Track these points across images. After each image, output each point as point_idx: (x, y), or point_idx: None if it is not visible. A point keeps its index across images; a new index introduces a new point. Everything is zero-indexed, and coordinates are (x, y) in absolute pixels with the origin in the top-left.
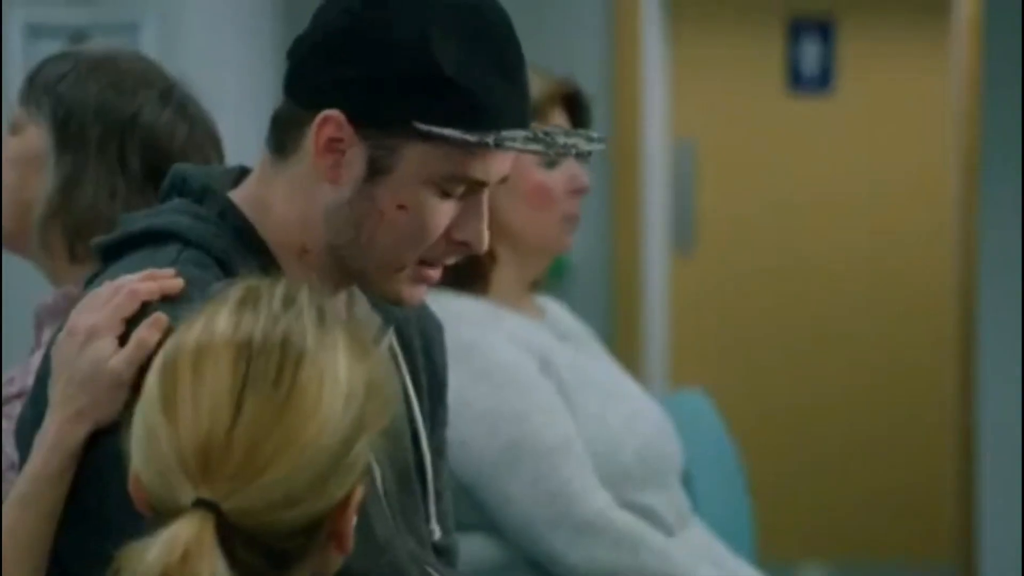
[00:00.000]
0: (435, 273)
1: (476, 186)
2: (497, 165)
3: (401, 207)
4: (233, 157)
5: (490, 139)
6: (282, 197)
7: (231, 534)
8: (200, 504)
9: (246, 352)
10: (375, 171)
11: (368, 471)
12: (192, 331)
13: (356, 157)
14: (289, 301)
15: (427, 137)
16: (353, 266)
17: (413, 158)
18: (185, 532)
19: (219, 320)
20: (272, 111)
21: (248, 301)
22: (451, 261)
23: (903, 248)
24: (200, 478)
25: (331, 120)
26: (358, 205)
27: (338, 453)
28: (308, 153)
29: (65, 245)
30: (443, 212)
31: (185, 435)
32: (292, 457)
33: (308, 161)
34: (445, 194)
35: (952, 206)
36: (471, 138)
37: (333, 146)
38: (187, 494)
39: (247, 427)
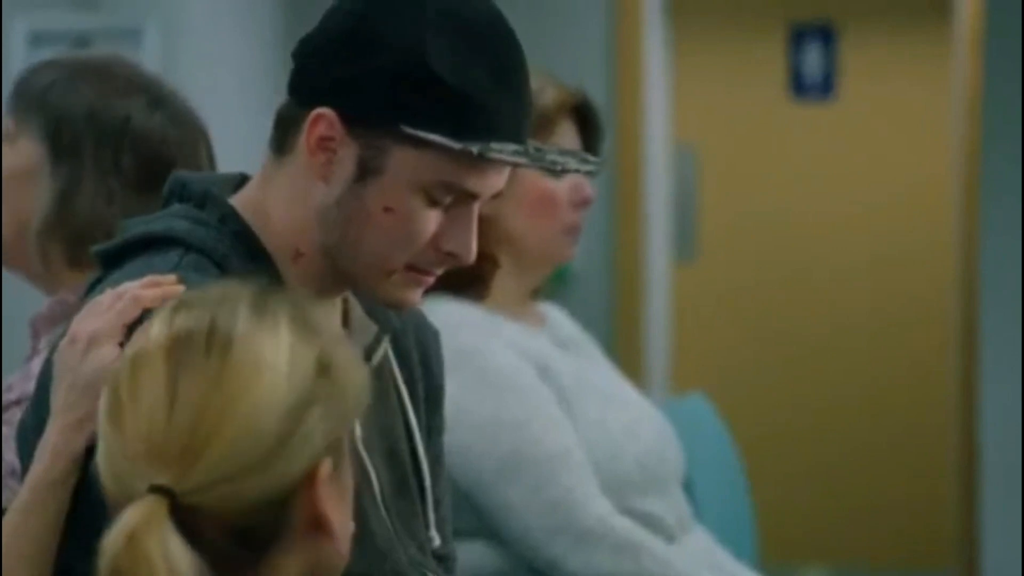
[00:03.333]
0: (429, 278)
1: (467, 197)
2: (491, 178)
3: (388, 210)
4: (234, 161)
5: (475, 148)
6: (280, 198)
7: (192, 516)
8: (153, 490)
9: (176, 345)
10: (365, 172)
11: (359, 474)
12: (131, 344)
13: (346, 156)
14: (225, 297)
15: (415, 142)
16: (344, 268)
17: (403, 162)
18: (133, 515)
19: (152, 327)
20: (274, 114)
21: (182, 305)
22: (441, 270)
23: (905, 254)
24: (149, 466)
25: (323, 118)
26: (347, 205)
27: (286, 423)
28: (303, 151)
29: (64, 253)
30: (429, 219)
31: (131, 435)
32: (233, 429)
33: (303, 160)
34: (433, 202)
35: (954, 212)
36: (455, 145)
37: (324, 144)
38: (141, 484)
39: (184, 408)
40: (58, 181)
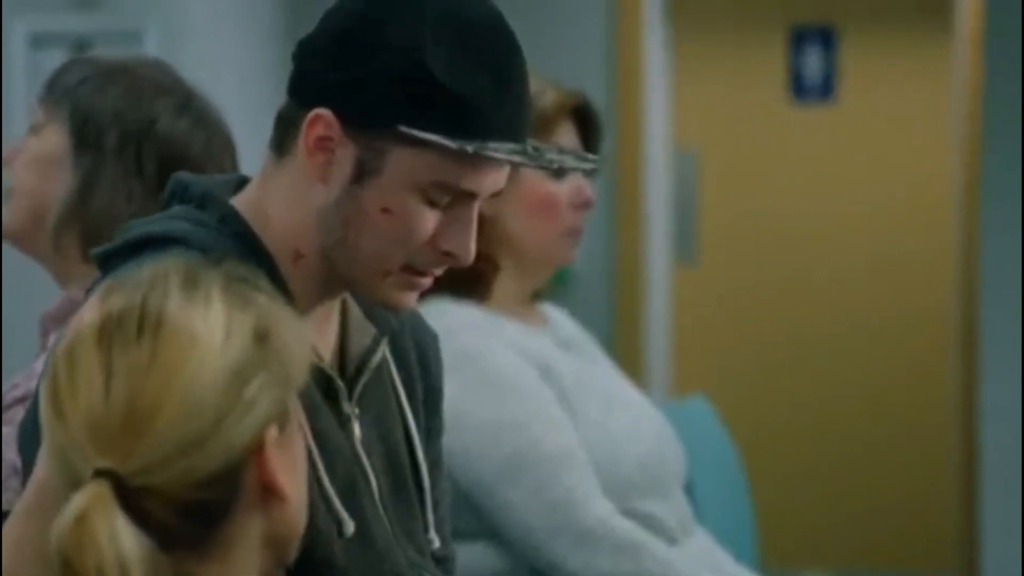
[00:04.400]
0: (425, 280)
1: (465, 197)
2: (489, 177)
3: (386, 211)
4: (248, 164)
5: (470, 147)
6: (280, 199)
7: (139, 497)
8: (98, 475)
9: (108, 326)
10: (362, 173)
11: (358, 476)
12: (66, 335)
13: (344, 158)
14: (155, 276)
15: (413, 142)
16: (341, 269)
17: (400, 162)
18: (81, 499)
19: (87, 313)
20: (274, 114)
21: (112, 289)
22: (439, 271)
23: (905, 256)
24: (93, 451)
25: (321, 119)
26: (345, 206)
27: (226, 394)
28: (302, 152)
29: (79, 246)
30: (428, 219)
31: (72, 421)
32: (172, 405)
33: (302, 161)
34: (432, 201)
35: (954, 214)
36: (451, 144)
37: (322, 145)
38: (86, 470)
39: (120, 389)
40: (79, 174)
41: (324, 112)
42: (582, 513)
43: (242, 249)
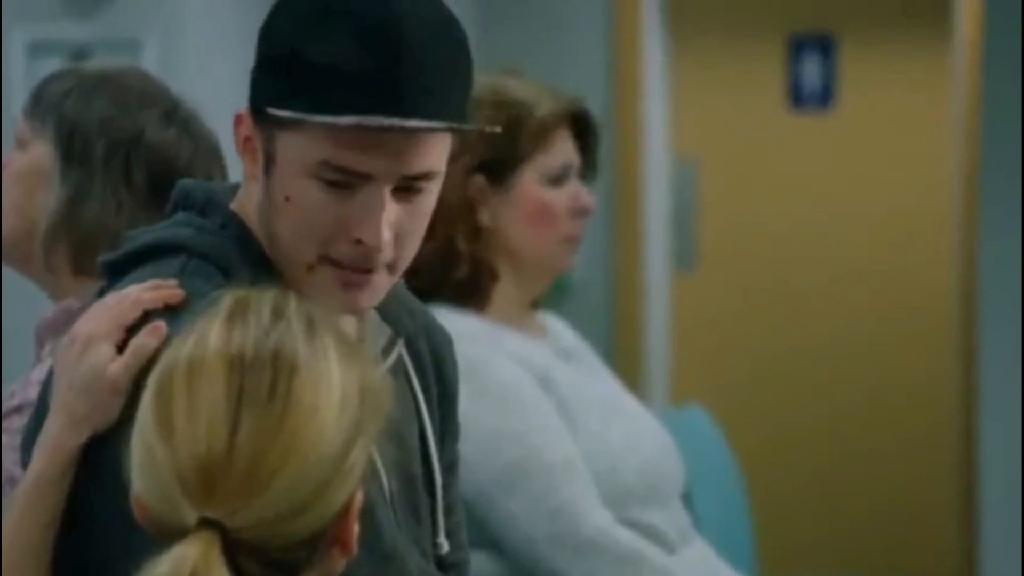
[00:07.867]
0: (356, 277)
1: (364, 181)
2: (376, 156)
3: (288, 199)
4: (234, 173)
5: (319, 118)
6: (251, 210)
7: (236, 549)
8: (204, 523)
9: (239, 367)
10: (267, 164)
11: (370, 476)
12: (184, 347)
13: (259, 152)
14: (278, 312)
15: (289, 125)
16: (280, 268)
17: (286, 147)
18: (192, 553)
19: (210, 335)
20: None
21: (237, 313)
22: (364, 264)
23: (904, 265)
24: (202, 497)
25: (241, 120)
26: (264, 200)
27: (337, 460)
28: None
29: (70, 259)
30: (324, 204)
31: (183, 455)
32: (293, 469)
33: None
34: (329, 186)
35: (953, 222)
36: (306, 118)
37: (247, 145)
38: (191, 514)
39: (245, 443)
40: (67, 187)
41: (243, 112)
42: (582, 523)
43: (243, 252)
